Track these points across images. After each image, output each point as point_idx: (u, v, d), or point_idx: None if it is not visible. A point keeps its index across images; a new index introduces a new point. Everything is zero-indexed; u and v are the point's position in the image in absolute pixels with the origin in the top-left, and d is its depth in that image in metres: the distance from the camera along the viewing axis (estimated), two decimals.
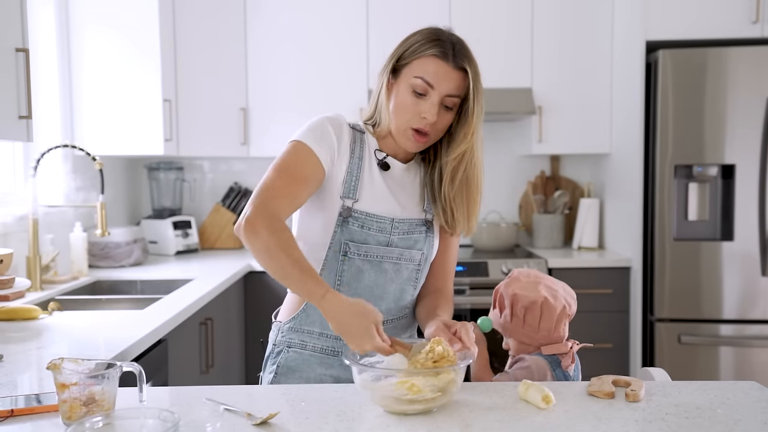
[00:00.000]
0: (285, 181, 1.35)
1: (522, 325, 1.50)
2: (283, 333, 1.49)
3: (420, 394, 1.11)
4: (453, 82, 1.37)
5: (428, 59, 1.37)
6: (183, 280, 2.75)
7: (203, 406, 1.17)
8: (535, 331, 1.49)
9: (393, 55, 1.43)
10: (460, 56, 1.37)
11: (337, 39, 3.46)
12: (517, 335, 1.51)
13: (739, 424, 1.08)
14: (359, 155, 1.45)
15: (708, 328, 3.00)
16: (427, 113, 1.36)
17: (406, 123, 1.39)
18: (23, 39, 1.96)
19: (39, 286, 2.46)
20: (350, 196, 1.42)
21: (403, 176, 1.50)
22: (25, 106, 1.95)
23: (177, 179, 3.69)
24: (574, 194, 3.80)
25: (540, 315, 1.48)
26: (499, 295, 1.55)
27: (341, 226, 1.41)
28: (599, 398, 1.20)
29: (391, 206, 1.45)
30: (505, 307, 1.52)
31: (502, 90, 3.43)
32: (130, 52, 3.06)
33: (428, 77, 1.36)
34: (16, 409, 1.15)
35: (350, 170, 1.43)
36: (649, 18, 3.03)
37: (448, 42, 1.38)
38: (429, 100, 1.37)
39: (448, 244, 1.55)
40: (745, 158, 2.95)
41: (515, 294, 1.50)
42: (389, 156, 1.49)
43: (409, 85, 1.38)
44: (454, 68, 1.36)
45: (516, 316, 1.50)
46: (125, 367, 1.12)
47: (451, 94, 1.37)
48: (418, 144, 1.41)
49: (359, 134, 1.48)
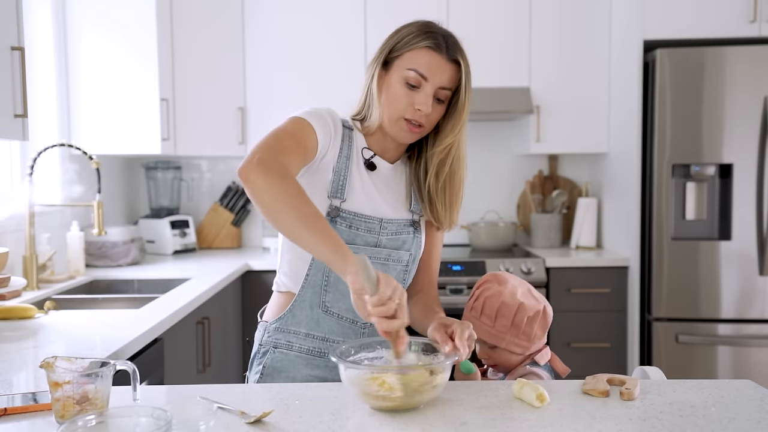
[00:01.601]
0: (290, 142, 1.30)
1: (518, 333, 1.46)
2: (269, 333, 1.47)
3: (391, 392, 1.10)
4: (446, 74, 1.36)
5: (422, 51, 1.36)
6: (180, 280, 2.75)
7: (197, 404, 1.17)
8: (530, 339, 1.47)
9: (383, 47, 1.41)
10: (453, 48, 1.37)
11: (335, 39, 3.45)
12: (511, 345, 1.47)
13: (732, 422, 1.08)
14: (347, 153, 1.44)
15: (706, 327, 3.00)
16: (421, 105, 1.35)
17: (398, 114, 1.38)
18: (18, 37, 1.96)
19: (35, 285, 2.46)
20: (338, 195, 1.41)
21: (390, 176, 1.48)
22: (21, 105, 1.94)
23: (174, 178, 3.69)
24: (572, 194, 3.80)
25: (538, 323, 1.48)
26: (484, 303, 1.48)
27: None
28: (594, 397, 1.20)
29: (379, 206, 1.44)
30: (499, 316, 1.47)
31: (500, 89, 3.43)
32: (127, 51, 3.06)
33: (422, 69, 1.35)
34: (10, 408, 1.14)
35: (338, 169, 1.42)
36: (647, 17, 3.03)
37: (440, 34, 1.37)
38: (423, 91, 1.36)
39: (433, 242, 1.54)
40: (742, 157, 2.95)
41: (522, 304, 1.46)
42: (376, 155, 1.47)
43: (401, 77, 1.37)
44: (447, 60, 1.36)
45: (515, 326, 1.46)
46: (119, 366, 1.12)
47: (444, 86, 1.37)
48: (412, 135, 1.40)
49: (348, 131, 1.46)
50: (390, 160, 1.49)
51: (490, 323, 1.47)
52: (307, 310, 1.44)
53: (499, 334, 1.47)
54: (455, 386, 1.28)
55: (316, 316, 1.44)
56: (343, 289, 1.43)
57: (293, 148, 1.29)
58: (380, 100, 1.41)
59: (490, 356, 1.51)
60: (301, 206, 1.18)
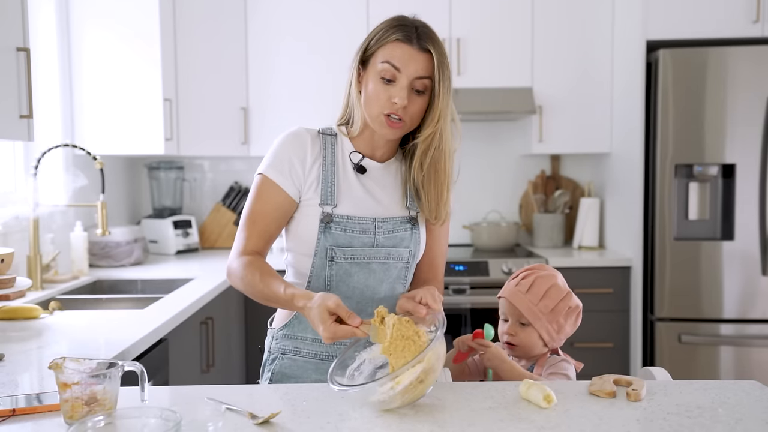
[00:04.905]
0: (254, 227, 1.43)
1: (553, 320, 1.53)
2: (277, 340, 1.50)
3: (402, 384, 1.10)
4: (419, 64, 1.37)
5: (393, 44, 1.38)
6: (183, 280, 2.75)
7: (205, 405, 1.17)
8: (559, 331, 1.54)
9: (360, 47, 1.44)
10: (423, 38, 1.38)
11: (338, 39, 3.45)
12: (543, 329, 1.53)
13: (740, 424, 1.08)
14: (332, 160, 1.45)
15: (708, 327, 3.01)
16: (396, 97, 1.36)
17: (378, 110, 1.38)
18: (24, 38, 1.96)
19: (40, 285, 2.46)
20: (328, 202, 1.43)
21: (383, 175, 1.49)
22: (26, 106, 1.95)
23: (177, 179, 3.69)
24: (575, 194, 3.80)
25: (572, 319, 1.56)
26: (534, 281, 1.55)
27: (324, 232, 1.41)
28: (600, 398, 1.20)
29: (371, 207, 1.45)
30: (545, 297, 1.53)
31: (503, 89, 3.43)
32: (130, 52, 3.06)
33: (394, 61, 1.36)
34: (17, 409, 1.15)
35: (324, 177, 1.43)
36: (650, 17, 3.03)
37: (411, 26, 1.39)
38: (398, 84, 1.37)
39: (434, 238, 1.54)
40: (745, 158, 2.95)
41: (569, 293, 1.56)
42: (366, 157, 1.48)
43: (377, 73, 1.38)
44: (419, 50, 1.37)
45: (555, 312, 1.53)
46: (127, 367, 1.12)
47: (419, 75, 1.37)
48: (393, 130, 1.40)
49: (330, 138, 1.48)
50: (381, 159, 1.49)
51: (535, 300, 1.53)
52: None
53: (539, 313, 1.52)
54: (462, 387, 1.29)
55: None
56: (345, 291, 1.44)
57: (260, 227, 1.43)
58: (360, 100, 1.43)
59: (517, 333, 1.55)
60: (258, 289, 1.36)
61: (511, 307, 1.56)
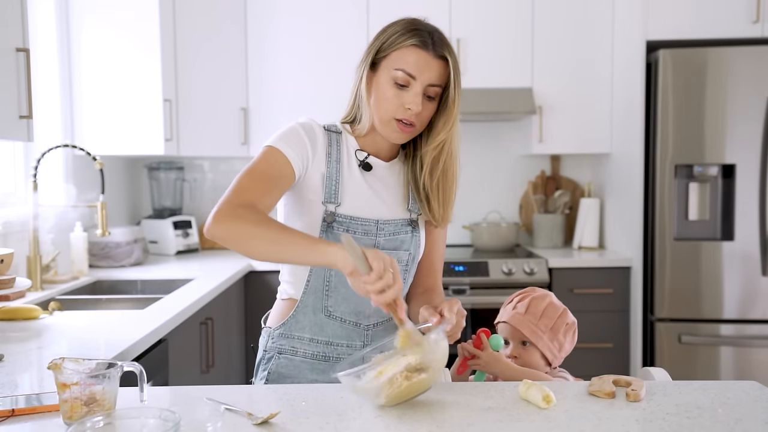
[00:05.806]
0: (252, 182, 1.33)
1: (554, 338, 1.54)
2: (273, 339, 1.48)
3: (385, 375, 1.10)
4: (434, 72, 1.35)
5: (408, 49, 1.35)
6: (183, 280, 2.75)
7: (204, 405, 1.17)
8: (560, 349, 1.55)
9: (370, 48, 1.41)
10: (440, 45, 1.36)
11: (338, 39, 3.45)
12: (545, 348, 1.53)
13: (739, 424, 1.08)
14: (336, 158, 1.43)
15: (708, 327, 3.00)
16: (411, 104, 1.35)
17: (389, 115, 1.37)
18: (24, 39, 1.96)
19: (39, 285, 2.47)
20: (332, 200, 1.41)
21: (387, 175, 1.48)
22: (26, 106, 1.95)
23: (177, 179, 3.69)
24: (575, 194, 3.80)
25: (570, 336, 1.58)
26: (531, 302, 1.57)
27: (326, 231, 1.40)
28: (600, 398, 1.20)
29: (375, 208, 1.44)
30: (543, 316, 1.54)
31: (503, 90, 3.43)
32: (130, 52, 3.06)
33: (409, 68, 1.34)
34: (17, 409, 1.14)
35: (329, 174, 1.42)
36: (650, 18, 3.03)
37: (426, 31, 1.37)
38: (412, 90, 1.35)
39: (434, 241, 1.54)
40: (745, 158, 2.95)
41: (565, 310, 1.58)
42: (371, 155, 1.47)
43: (390, 78, 1.36)
44: (434, 57, 1.35)
45: (553, 330, 1.54)
46: (126, 367, 1.12)
47: (433, 83, 1.36)
48: (404, 135, 1.39)
49: (335, 135, 1.46)
50: (385, 159, 1.49)
51: (534, 320, 1.54)
52: (310, 315, 1.45)
53: (540, 332, 1.53)
54: (461, 387, 1.29)
55: (319, 321, 1.45)
56: (344, 292, 1.43)
57: (256, 185, 1.32)
58: (370, 102, 1.41)
59: (520, 355, 1.55)
60: (264, 230, 1.24)
61: (511, 330, 1.56)
